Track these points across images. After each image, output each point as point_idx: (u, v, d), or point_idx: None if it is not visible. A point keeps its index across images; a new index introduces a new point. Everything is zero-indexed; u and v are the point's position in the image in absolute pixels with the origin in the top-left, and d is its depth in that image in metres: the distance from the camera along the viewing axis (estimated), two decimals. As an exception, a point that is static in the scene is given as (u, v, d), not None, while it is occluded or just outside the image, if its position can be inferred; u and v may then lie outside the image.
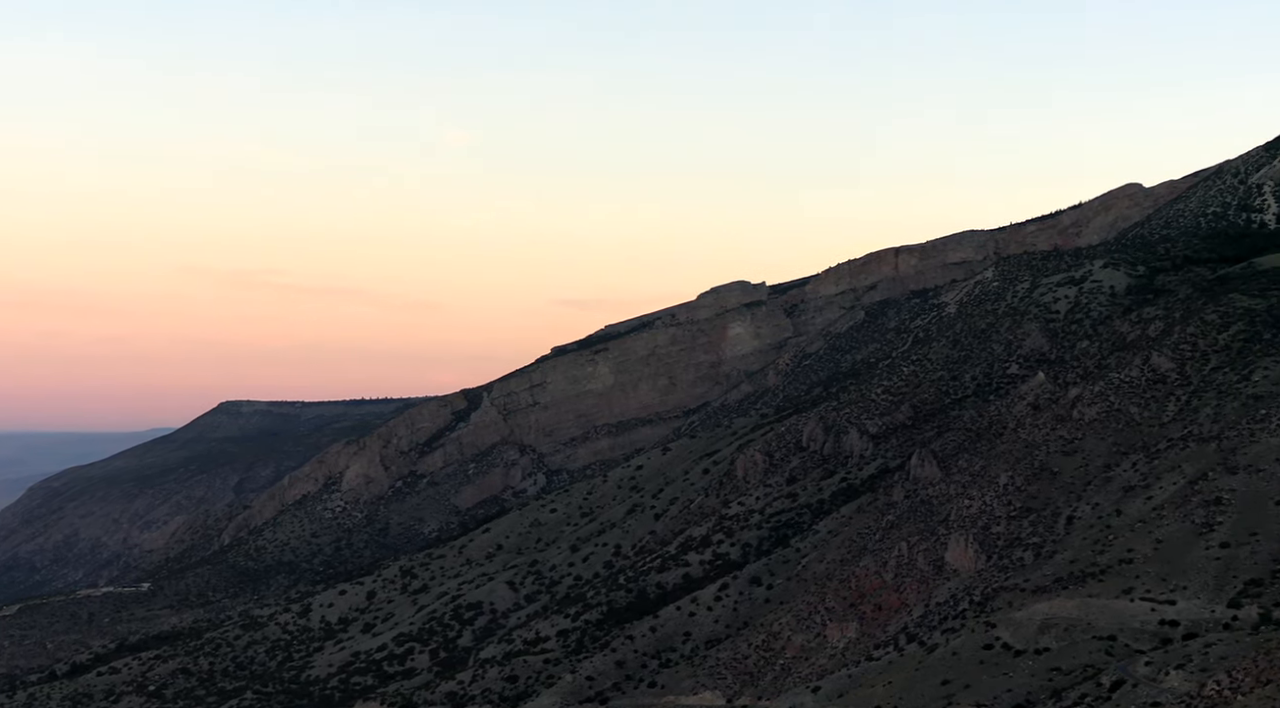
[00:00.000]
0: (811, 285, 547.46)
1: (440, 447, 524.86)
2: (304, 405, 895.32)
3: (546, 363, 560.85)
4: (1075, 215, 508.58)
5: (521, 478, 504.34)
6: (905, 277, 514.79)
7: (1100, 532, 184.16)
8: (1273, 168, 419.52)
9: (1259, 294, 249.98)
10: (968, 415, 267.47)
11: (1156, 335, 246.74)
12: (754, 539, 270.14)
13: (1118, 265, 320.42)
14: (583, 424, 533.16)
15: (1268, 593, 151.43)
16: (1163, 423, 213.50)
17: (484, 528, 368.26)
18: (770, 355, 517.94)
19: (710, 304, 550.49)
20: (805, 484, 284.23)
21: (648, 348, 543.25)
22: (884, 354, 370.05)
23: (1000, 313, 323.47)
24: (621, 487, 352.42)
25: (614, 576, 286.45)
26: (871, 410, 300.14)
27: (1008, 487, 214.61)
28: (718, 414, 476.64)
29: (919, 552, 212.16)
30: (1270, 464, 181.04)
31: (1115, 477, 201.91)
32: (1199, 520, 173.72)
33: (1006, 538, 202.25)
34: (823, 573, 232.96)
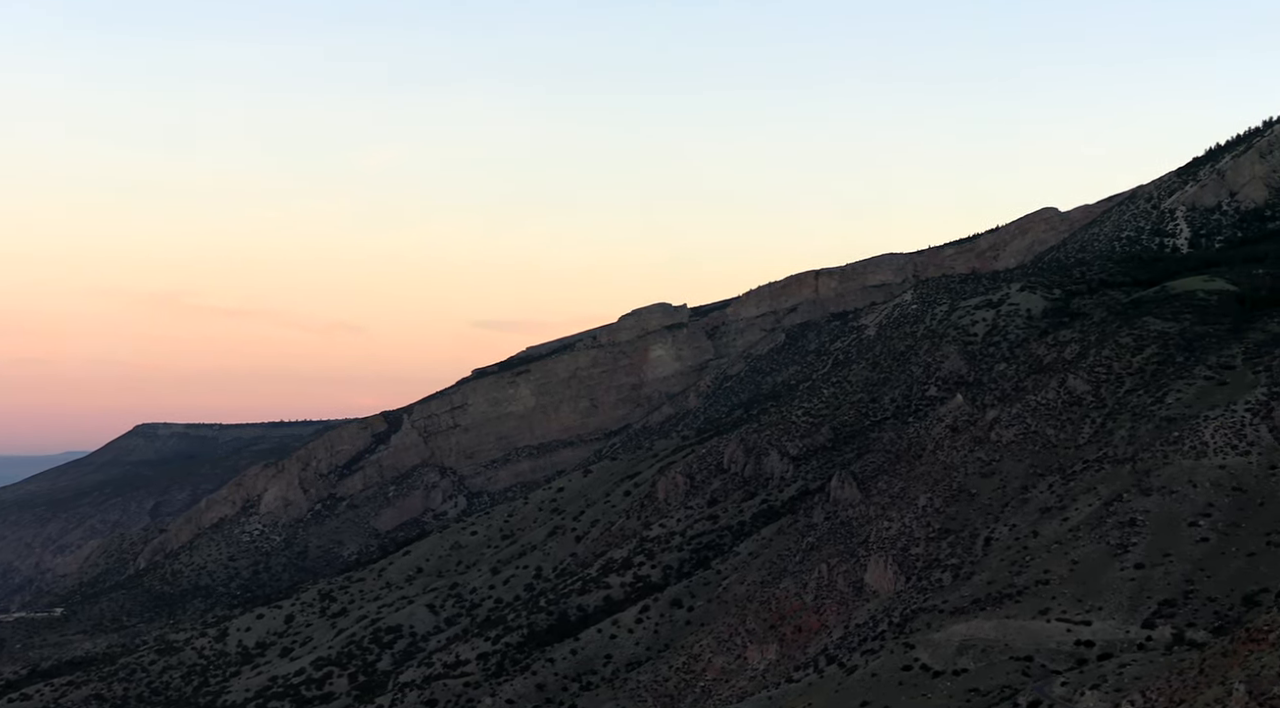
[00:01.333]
0: (732, 308, 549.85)
1: (360, 469, 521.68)
2: (222, 428, 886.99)
3: (467, 385, 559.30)
4: (993, 239, 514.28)
5: (442, 500, 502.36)
6: (825, 299, 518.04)
7: (1017, 553, 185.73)
8: (1185, 193, 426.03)
9: (1172, 317, 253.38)
10: (887, 437, 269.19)
11: (1072, 358, 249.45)
12: (675, 561, 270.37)
13: (1034, 289, 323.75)
14: (504, 446, 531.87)
15: (1181, 613, 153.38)
16: (1078, 445, 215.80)
17: (404, 551, 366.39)
18: (692, 377, 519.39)
19: (632, 326, 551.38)
20: (726, 506, 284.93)
21: (569, 370, 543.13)
22: (804, 376, 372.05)
23: (919, 335, 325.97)
24: (543, 509, 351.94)
25: (535, 598, 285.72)
26: (792, 432, 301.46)
27: (927, 508, 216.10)
28: (639, 436, 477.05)
29: (839, 573, 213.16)
30: (1183, 486, 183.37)
31: (1032, 498, 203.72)
32: (1114, 542, 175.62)
33: (925, 559, 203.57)
34: (743, 595, 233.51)
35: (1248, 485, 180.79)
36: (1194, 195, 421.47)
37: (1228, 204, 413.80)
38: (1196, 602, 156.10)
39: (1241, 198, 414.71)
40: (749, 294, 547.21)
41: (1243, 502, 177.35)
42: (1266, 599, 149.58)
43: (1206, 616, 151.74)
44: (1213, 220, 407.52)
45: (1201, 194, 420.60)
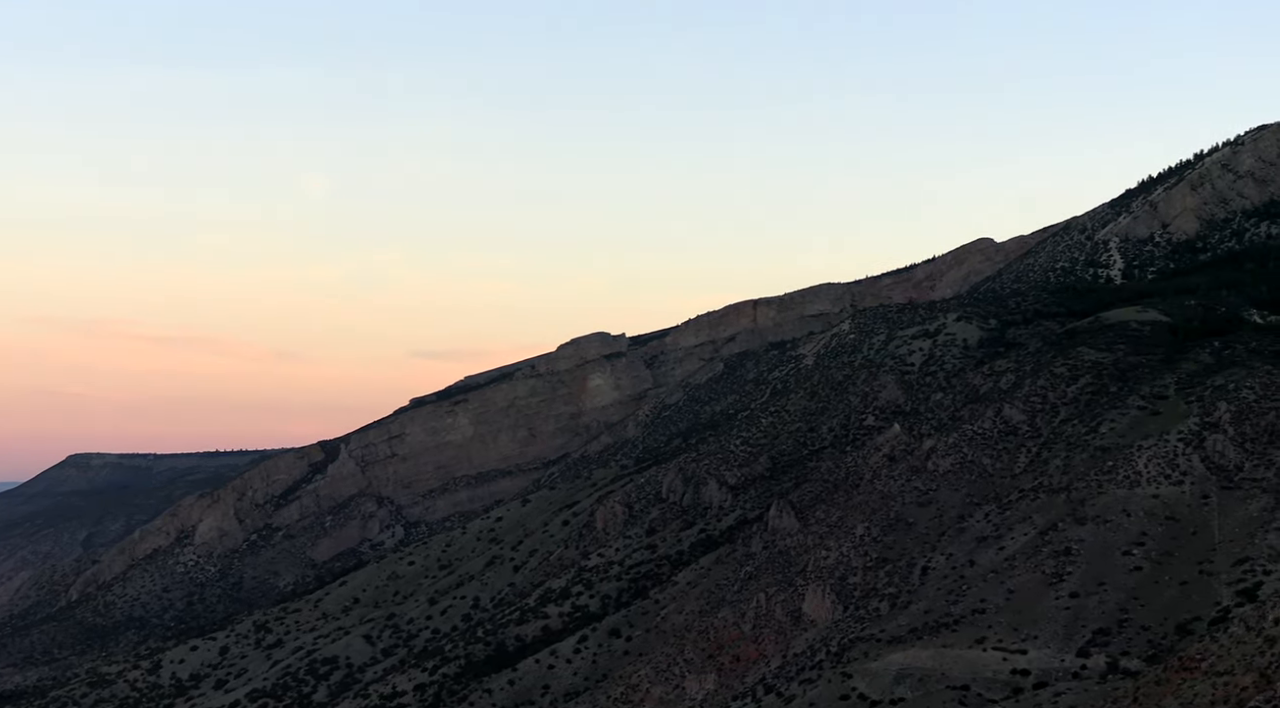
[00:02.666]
0: (671, 337, 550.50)
1: (296, 499, 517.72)
2: (156, 458, 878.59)
3: (405, 414, 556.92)
4: (929, 269, 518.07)
5: (379, 530, 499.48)
6: (764, 329, 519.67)
7: (954, 582, 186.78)
8: (1118, 225, 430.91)
9: (1105, 348, 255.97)
10: (825, 467, 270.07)
11: (1008, 388, 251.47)
12: (613, 591, 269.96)
13: (970, 319, 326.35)
14: (442, 476, 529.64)
15: (1115, 642, 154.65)
16: (1014, 474, 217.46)
17: (340, 581, 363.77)
18: (630, 407, 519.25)
19: (570, 355, 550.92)
20: (664, 535, 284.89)
21: (507, 399, 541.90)
22: (743, 406, 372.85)
23: (857, 365, 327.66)
24: (481, 539, 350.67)
25: (472, 628, 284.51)
26: (730, 462, 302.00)
27: (864, 537, 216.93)
28: (578, 466, 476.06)
29: (777, 603, 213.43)
30: (1117, 515, 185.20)
31: (968, 527, 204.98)
32: (1049, 571, 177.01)
33: (863, 588, 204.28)
34: (681, 624, 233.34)
35: (1180, 515, 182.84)
36: (1127, 227, 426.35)
37: (1160, 235, 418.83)
38: (1130, 630, 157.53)
39: (1173, 229, 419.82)
40: (688, 324, 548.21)
41: (1176, 531, 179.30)
42: (1199, 628, 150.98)
43: (1140, 644, 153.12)
44: (1145, 251, 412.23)
45: (1134, 225, 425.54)
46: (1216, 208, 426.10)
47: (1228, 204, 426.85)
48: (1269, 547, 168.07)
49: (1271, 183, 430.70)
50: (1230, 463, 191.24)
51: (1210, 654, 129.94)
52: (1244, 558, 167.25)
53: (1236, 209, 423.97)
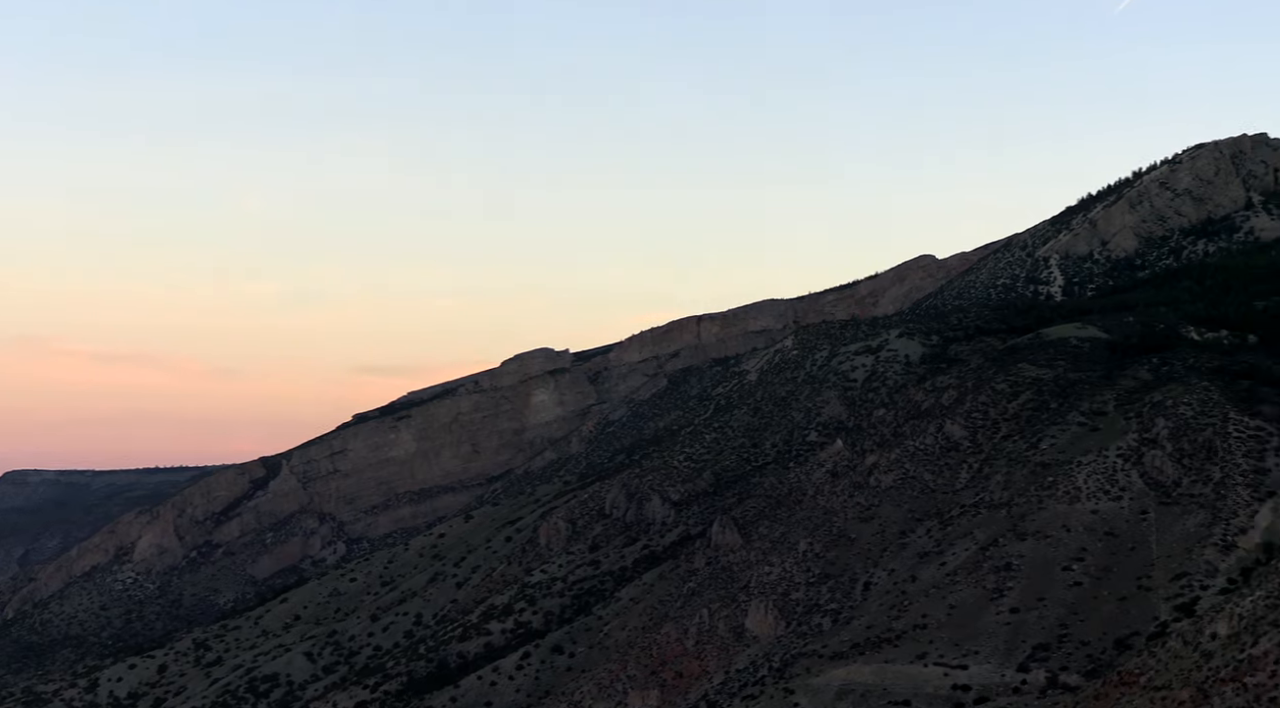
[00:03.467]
0: (615, 353, 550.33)
1: (237, 516, 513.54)
2: (95, 474, 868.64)
3: (348, 430, 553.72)
4: (872, 285, 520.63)
5: (321, 547, 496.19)
6: (707, 344, 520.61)
7: (896, 598, 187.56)
8: (1059, 242, 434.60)
9: (1046, 364, 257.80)
10: (768, 482, 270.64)
11: (950, 404, 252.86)
12: (556, 607, 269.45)
13: (913, 335, 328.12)
14: (384, 492, 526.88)
15: (1055, 657, 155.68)
16: (956, 490, 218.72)
17: (281, 598, 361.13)
18: (574, 422, 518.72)
19: (514, 371, 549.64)
20: (608, 551, 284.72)
21: (451, 415, 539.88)
22: (686, 422, 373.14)
23: (800, 381, 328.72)
24: (423, 555, 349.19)
25: (414, 645, 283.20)
26: (674, 477, 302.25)
27: (807, 553, 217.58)
28: (521, 481, 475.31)
29: (720, 618, 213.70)
30: (1057, 531, 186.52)
31: (910, 543, 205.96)
32: (990, 586, 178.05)
33: (805, 604, 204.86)
34: (624, 641, 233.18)
35: (1119, 530, 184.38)
36: (1067, 244, 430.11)
37: (1099, 253, 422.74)
38: (1070, 645, 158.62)
39: (1113, 247, 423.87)
40: (631, 339, 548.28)
41: (1114, 546, 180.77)
42: (1138, 643, 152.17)
43: (1080, 659, 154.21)
44: (1085, 268, 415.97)
45: (1074, 243, 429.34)
46: (1155, 226, 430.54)
47: (1166, 222, 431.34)
48: (1206, 562, 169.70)
49: (1209, 201, 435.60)
50: (1168, 479, 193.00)
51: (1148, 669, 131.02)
52: (1182, 573, 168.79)
53: (1174, 227, 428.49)
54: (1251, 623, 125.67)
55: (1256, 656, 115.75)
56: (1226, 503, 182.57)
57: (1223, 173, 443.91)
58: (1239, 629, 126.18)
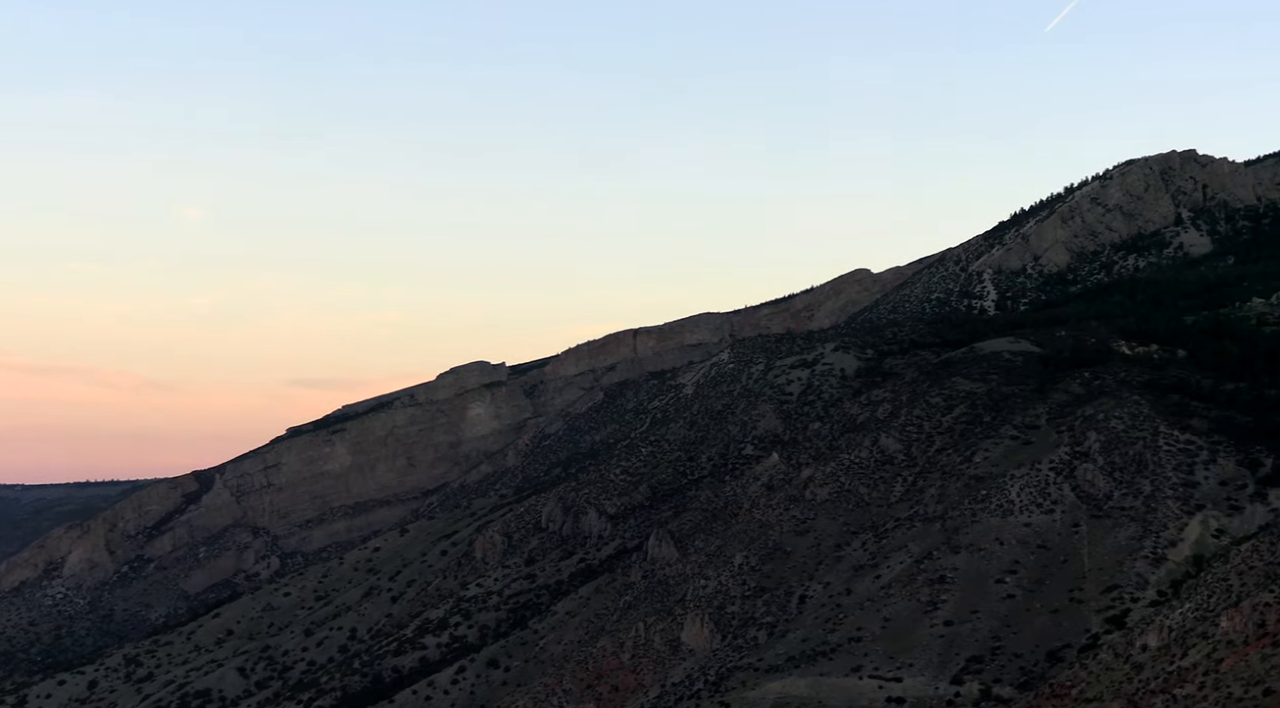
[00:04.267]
0: (551, 366, 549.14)
1: (170, 530, 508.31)
2: (24, 489, 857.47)
3: (282, 444, 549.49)
4: (807, 299, 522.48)
5: (254, 561, 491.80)
6: (644, 358, 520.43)
7: (831, 610, 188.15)
8: (992, 256, 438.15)
9: (979, 378, 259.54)
10: (704, 496, 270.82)
11: (885, 417, 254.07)
12: (492, 621, 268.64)
13: (848, 349, 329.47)
14: (319, 506, 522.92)
15: (988, 669, 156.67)
16: (890, 503, 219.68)
17: (214, 613, 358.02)
18: (510, 436, 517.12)
19: (450, 385, 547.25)
20: (544, 565, 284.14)
21: (386, 428, 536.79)
22: (623, 435, 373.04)
23: (736, 394, 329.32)
24: (358, 569, 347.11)
25: (349, 660, 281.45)
26: (610, 491, 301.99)
27: (743, 566, 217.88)
28: (457, 495, 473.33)
29: (656, 632, 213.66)
30: (990, 544, 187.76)
31: (846, 556, 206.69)
32: (924, 599, 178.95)
33: (741, 617, 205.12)
34: (560, 654, 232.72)
35: (1052, 543, 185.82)
36: (1000, 259, 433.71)
37: (1032, 267, 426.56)
38: (1003, 658, 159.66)
39: (1045, 261, 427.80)
40: (568, 353, 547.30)
41: (1047, 559, 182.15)
42: (1069, 655, 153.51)
43: (1012, 671, 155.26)
44: (1018, 283, 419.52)
45: (1007, 257, 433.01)
46: (1086, 241, 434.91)
47: (1097, 237, 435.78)
48: (1137, 575, 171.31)
49: (1139, 217, 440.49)
50: (1099, 492, 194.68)
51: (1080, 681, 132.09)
52: (1113, 585, 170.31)
53: (1105, 242, 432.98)
54: (1181, 635, 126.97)
55: (1186, 667, 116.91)
56: (1157, 516, 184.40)
57: (1153, 189, 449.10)
58: (1169, 641, 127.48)
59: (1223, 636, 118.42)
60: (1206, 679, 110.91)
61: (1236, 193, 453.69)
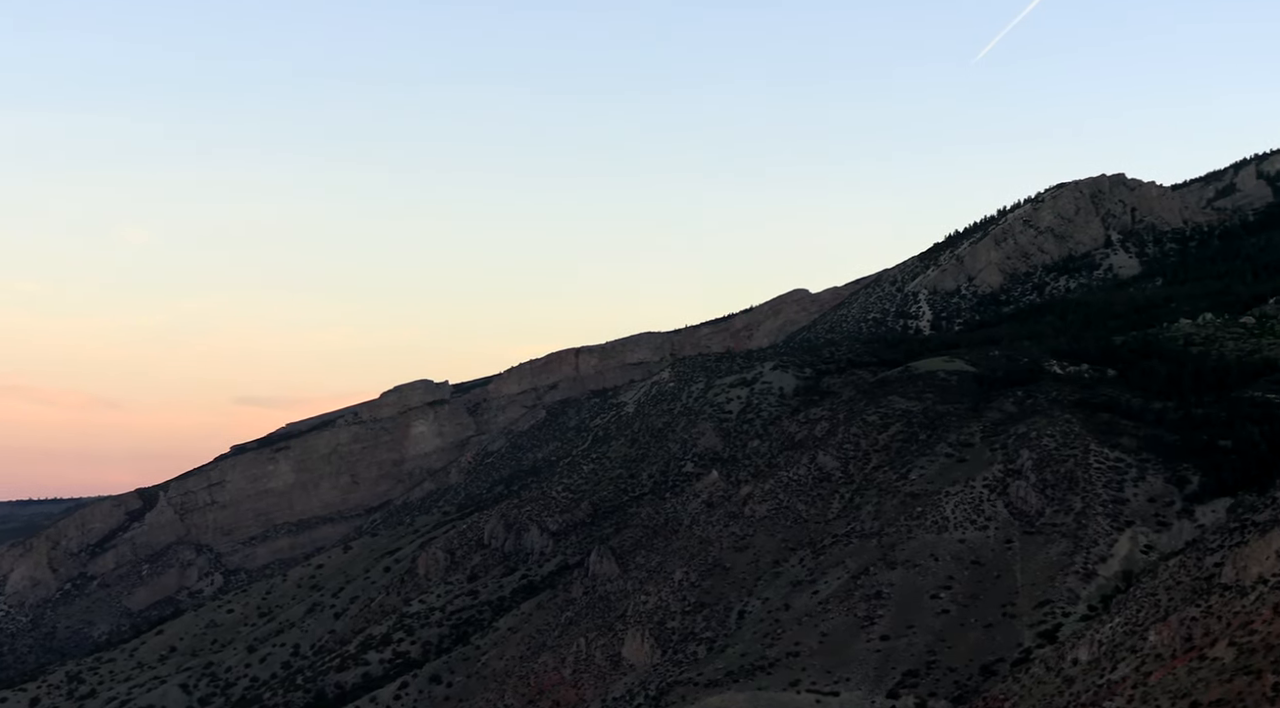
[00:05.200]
0: (494, 385, 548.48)
1: (113, 547, 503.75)
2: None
3: (226, 462, 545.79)
4: (747, 319, 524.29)
5: (198, 578, 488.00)
6: (585, 376, 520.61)
7: (770, 626, 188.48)
8: (927, 277, 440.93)
9: (915, 397, 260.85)
10: (645, 512, 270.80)
11: (822, 435, 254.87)
12: (435, 637, 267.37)
13: (786, 368, 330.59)
14: (262, 523, 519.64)
15: (924, 683, 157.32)
16: (828, 520, 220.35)
17: (157, 630, 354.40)
18: (453, 453, 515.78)
19: (393, 403, 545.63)
20: (486, 581, 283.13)
21: (330, 446, 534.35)
22: (565, 452, 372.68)
23: (676, 412, 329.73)
24: (301, 586, 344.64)
25: (292, 676, 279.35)
26: (552, 508, 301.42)
27: (683, 582, 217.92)
28: (400, 512, 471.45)
29: (597, 647, 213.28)
30: (926, 560, 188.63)
31: (784, 572, 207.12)
32: (861, 614, 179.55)
33: (681, 633, 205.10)
34: (502, 670, 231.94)
35: (985, 559, 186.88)
36: (935, 279, 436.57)
37: (966, 288, 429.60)
38: (938, 672, 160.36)
39: (979, 282, 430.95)
40: (510, 371, 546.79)
41: (980, 575, 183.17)
42: (1002, 669, 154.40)
43: (947, 685, 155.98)
44: (952, 303, 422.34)
45: (942, 278, 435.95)
46: (1019, 262, 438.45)
47: (1029, 259, 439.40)
48: (1068, 590, 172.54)
49: (1070, 239, 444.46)
50: (1032, 509, 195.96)
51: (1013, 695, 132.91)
52: (1045, 601, 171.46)
53: (1037, 264, 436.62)
54: (1110, 649, 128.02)
55: (1115, 681, 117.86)
56: (1087, 532, 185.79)
57: (1083, 212, 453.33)
58: (1099, 655, 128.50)
59: (1151, 649, 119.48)
60: (1135, 692, 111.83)
61: (1164, 216, 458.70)
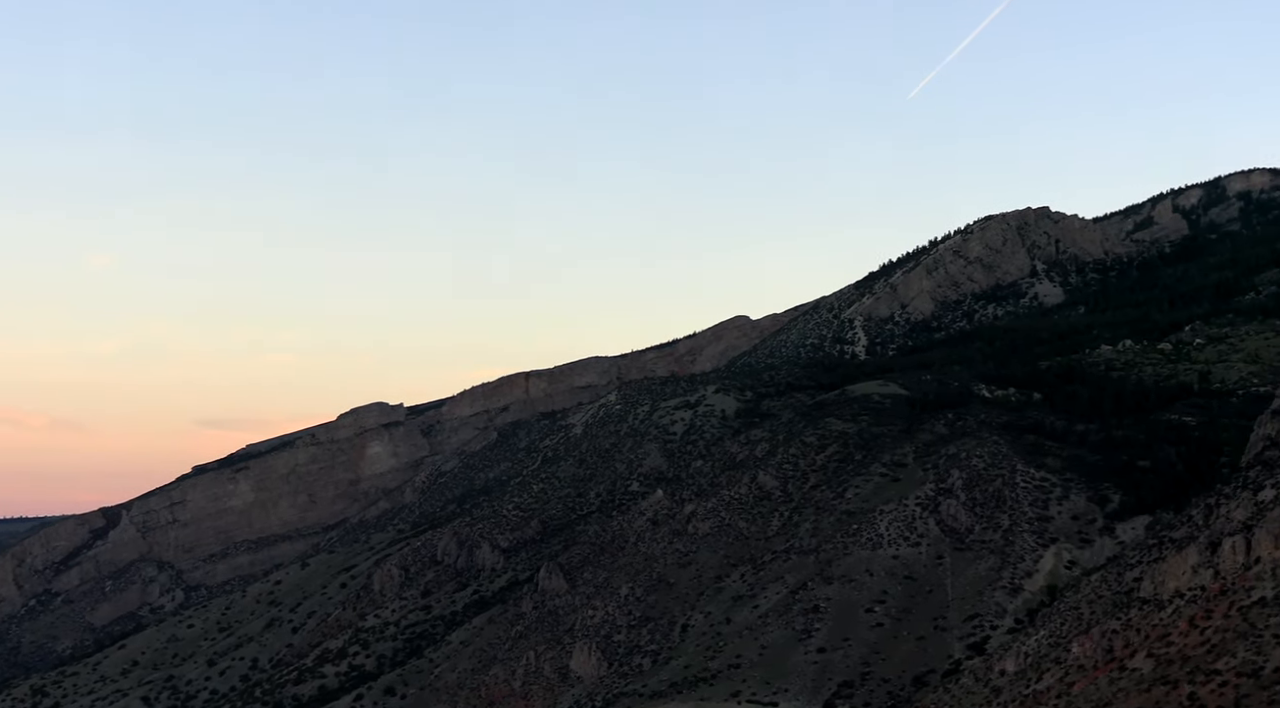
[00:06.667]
0: (447, 407, 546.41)
1: (77, 564, 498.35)
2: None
3: (187, 481, 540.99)
4: (690, 344, 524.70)
5: (160, 594, 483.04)
6: (535, 399, 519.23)
7: (712, 639, 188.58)
8: (862, 305, 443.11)
9: (851, 418, 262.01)
10: (593, 530, 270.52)
11: (763, 456, 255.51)
12: (389, 650, 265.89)
13: (728, 391, 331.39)
14: (223, 541, 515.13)
15: (859, 693, 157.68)
16: (768, 537, 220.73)
17: (120, 644, 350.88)
18: (408, 473, 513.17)
19: (350, 424, 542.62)
20: (439, 597, 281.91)
21: (288, 466, 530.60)
22: (515, 472, 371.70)
23: (623, 434, 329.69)
24: (260, 601, 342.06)
25: (250, 689, 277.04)
26: (503, 526, 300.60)
27: (629, 597, 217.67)
28: (356, 530, 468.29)
29: (546, 660, 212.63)
30: (861, 575, 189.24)
31: (726, 587, 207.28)
32: (799, 627, 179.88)
33: (627, 646, 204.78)
34: (454, 682, 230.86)
35: (918, 574, 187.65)
36: (870, 307, 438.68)
37: (899, 315, 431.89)
38: (872, 683, 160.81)
39: (912, 310, 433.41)
40: (463, 394, 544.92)
41: (913, 589, 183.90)
42: (933, 679, 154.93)
43: (881, 696, 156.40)
44: (887, 330, 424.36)
45: (877, 306, 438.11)
46: (949, 290, 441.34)
47: (959, 287, 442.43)
48: (996, 604, 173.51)
49: (998, 268, 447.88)
50: (962, 526, 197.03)
51: (943, 705, 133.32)
52: (974, 614, 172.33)
53: (967, 292, 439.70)
54: (1036, 660, 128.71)
55: (1040, 691, 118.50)
56: (1014, 549, 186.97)
57: (1010, 243, 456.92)
58: (1025, 667, 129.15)
59: (1074, 661, 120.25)
60: (1059, 702, 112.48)
61: (1086, 247, 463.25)
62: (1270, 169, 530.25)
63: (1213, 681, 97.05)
